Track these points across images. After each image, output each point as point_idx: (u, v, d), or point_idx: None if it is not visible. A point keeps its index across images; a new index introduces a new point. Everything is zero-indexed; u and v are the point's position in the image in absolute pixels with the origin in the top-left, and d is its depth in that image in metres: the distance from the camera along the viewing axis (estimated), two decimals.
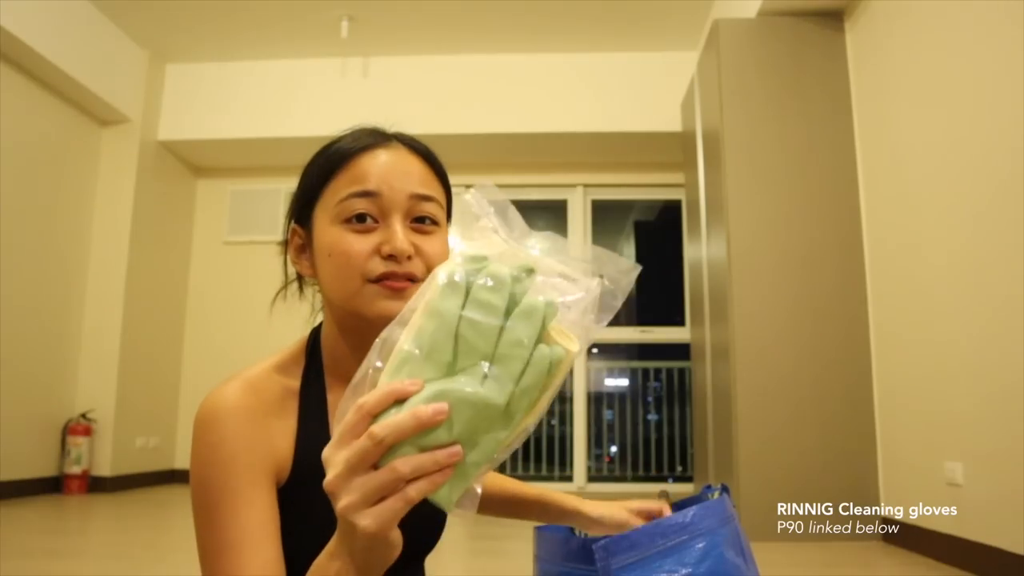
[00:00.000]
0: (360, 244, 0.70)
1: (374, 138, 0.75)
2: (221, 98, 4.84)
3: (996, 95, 2.18)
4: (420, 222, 0.73)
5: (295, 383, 0.75)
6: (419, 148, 0.77)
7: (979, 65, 2.27)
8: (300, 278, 0.87)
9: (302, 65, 4.82)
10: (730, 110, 3.21)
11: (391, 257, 0.69)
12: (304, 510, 0.70)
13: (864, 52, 3.09)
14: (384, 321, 0.58)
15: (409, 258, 0.70)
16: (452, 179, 0.81)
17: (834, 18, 3.24)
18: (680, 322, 4.89)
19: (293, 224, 0.78)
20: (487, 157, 4.93)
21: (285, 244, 0.83)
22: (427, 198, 0.73)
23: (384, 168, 0.72)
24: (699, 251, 3.67)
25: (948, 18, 2.44)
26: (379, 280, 0.69)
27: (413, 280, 0.70)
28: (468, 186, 0.69)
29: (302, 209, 0.76)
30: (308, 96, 4.78)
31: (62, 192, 4.30)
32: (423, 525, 0.83)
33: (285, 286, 0.88)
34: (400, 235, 0.70)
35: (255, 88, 4.83)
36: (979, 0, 2.28)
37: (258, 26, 4.47)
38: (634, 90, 4.62)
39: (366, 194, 0.70)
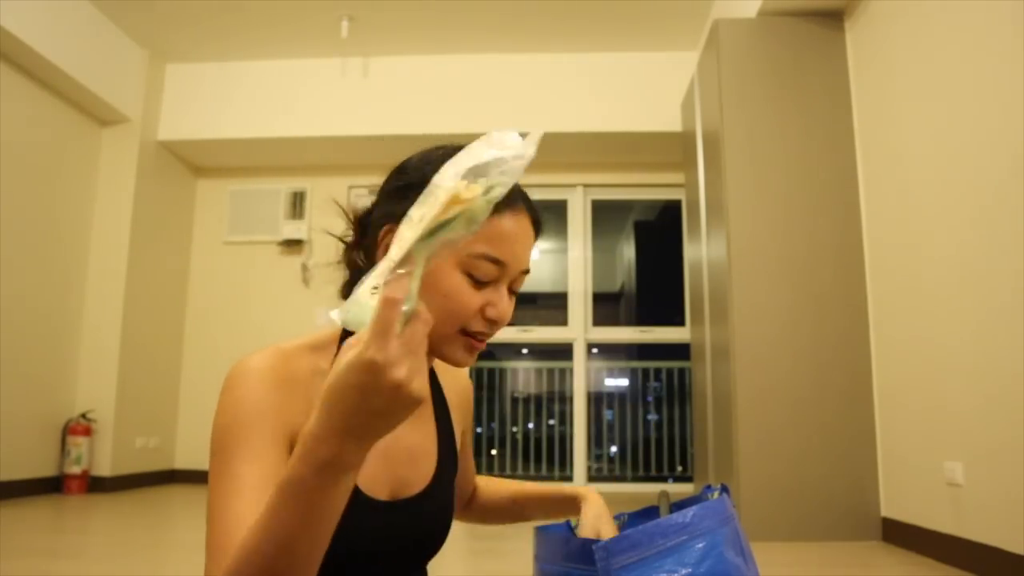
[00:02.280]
0: (474, 301, 0.74)
1: (513, 198, 0.75)
2: (221, 98, 4.84)
3: (996, 95, 2.18)
4: (511, 291, 0.78)
5: (325, 364, 0.77)
6: (536, 218, 0.80)
7: (979, 65, 2.27)
8: (353, 263, 0.85)
9: (302, 65, 4.82)
10: (730, 110, 3.21)
11: (492, 321, 0.75)
12: None
13: (864, 52, 3.09)
14: (454, 366, 0.77)
15: (504, 325, 0.77)
16: None
17: (834, 18, 3.24)
18: (680, 322, 4.89)
19: (394, 225, 0.77)
20: None
21: (360, 221, 0.83)
22: (528, 273, 0.79)
23: (516, 239, 0.75)
24: (699, 251, 3.67)
25: (948, 18, 2.44)
26: (472, 334, 0.75)
27: None
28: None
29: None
30: (308, 96, 4.78)
31: (62, 192, 4.30)
32: (426, 538, 0.84)
33: (345, 284, 0.88)
34: (507, 306, 0.76)
35: (255, 88, 4.83)
36: (979, 0, 2.28)
37: (258, 26, 4.47)
38: (634, 90, 4.62)
39: (497, 262, 0.74)
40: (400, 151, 0.86)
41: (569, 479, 4.96)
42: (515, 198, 0.76)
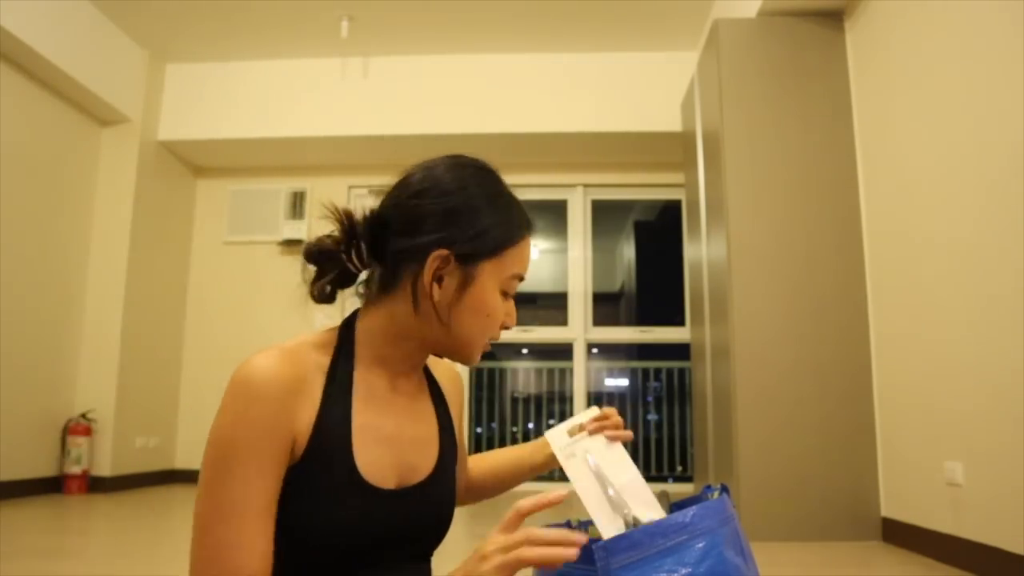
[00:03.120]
0: (501, 315, 0.85)
1: (530, 219, 0.88)
2: (221, 98, 4.85)
3: (996, 95, 2.18)
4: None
5: (326, 361, 0.80)
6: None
7: (979, 65, 2.27)
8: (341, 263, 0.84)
9: (302, 65, 4.82)
10: (730, 110, 3.21)
11: (505, 327, 0.86)
12: (316, 481, 0.74)
13: (864, 52, 3.09)
14: (465, 364, 0.88)
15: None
16: None
17: (834, 18, 3.24)
18: (680, 322, 4.89)
19: (445, 250, 0.79)
20: (487, 157, 4.87)
21: (350, 222, 0.82)
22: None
23: (529, 256, 0.87)
24: (699, 251, 3.67)
25: (948, 18, 2.44)
26: (490, 340, 0.86)
27: None
28: None
29: (471, 253, 0.81)
30: (308, 96, 4.78)
31: (62, 192, 4.30)
32: (432, 524, 0.86)
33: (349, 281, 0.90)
34: (514, 315, 0.88)
35: (255, 88, 4.83)
36: (979, 0, 2.28)
37: (258, 26, 4.47)
38: (634, 90, 4.62)
39: (522, 279, 0.86)
40: (400, 151, 0.87)
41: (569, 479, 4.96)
42: (530, 220, 0.87)
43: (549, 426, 5.72)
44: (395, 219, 0.81)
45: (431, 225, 0.80)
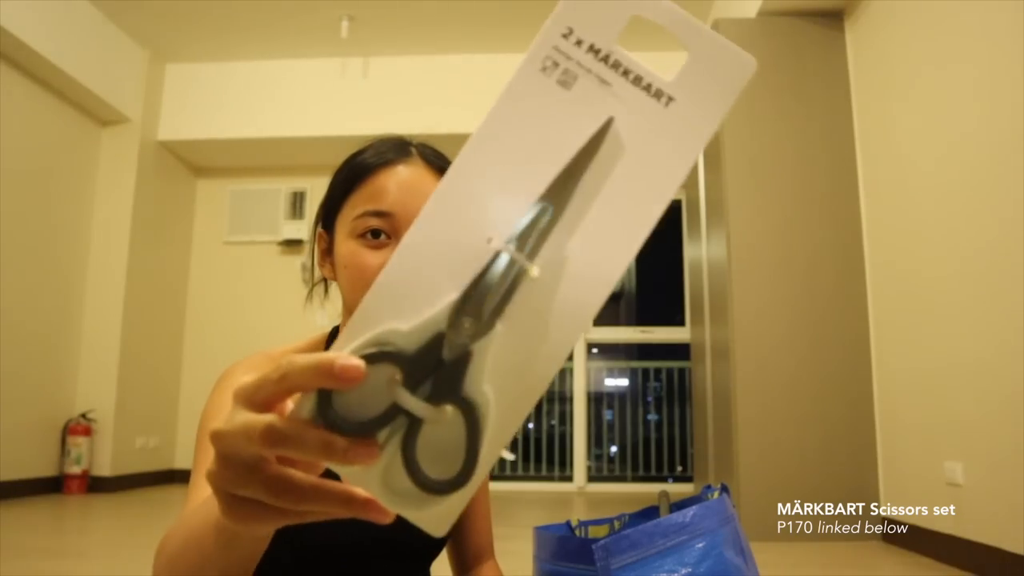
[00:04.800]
0: (372, 259, 0.72)
1: (395, 152, 0.77)
2: (221, 98, 4.84)
3: (996, 94, 2.18)
4: None
5: None
6: (437, 164, 0.79)
7: (980, 64, 2.27)
8: (325, 279, 0.90)
9: (302, 65, 4.82)
10: (730, 110, 3.21)
11: None
12: None
13: (864, 52, 3.09)
14: None
15: None
16: None
17: (834, 18, 3.24)
18: (680, 322, 4.89)
19: (320, 229, 0.81)
20: None
21: (313, 246, 0.87)
22: None
23: (401, 187, 0.74)
24: (699, 251, 3.67)
25: (948, 18, 2.44)
26: None
27: None
28: None
29: (327, 215, 0.80)
30: (308, 96, 4.78)
31: (62, 192, 4.30)
32: (425, 536, 0.83)
33: (312, 287, 0.92)
34: None
35: (255, 88, 4.83)
36: (979, 0, 2.28)
37: (258, 26, 4.47)
38: None
39: (380, 214, 0.73)
40: None
41: (569, 479, 4.96)
42: (396, 154, 0.77)
43: (550, 426, 5.67)
44: None
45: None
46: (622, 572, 0.68)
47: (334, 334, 0.84)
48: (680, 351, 4.96)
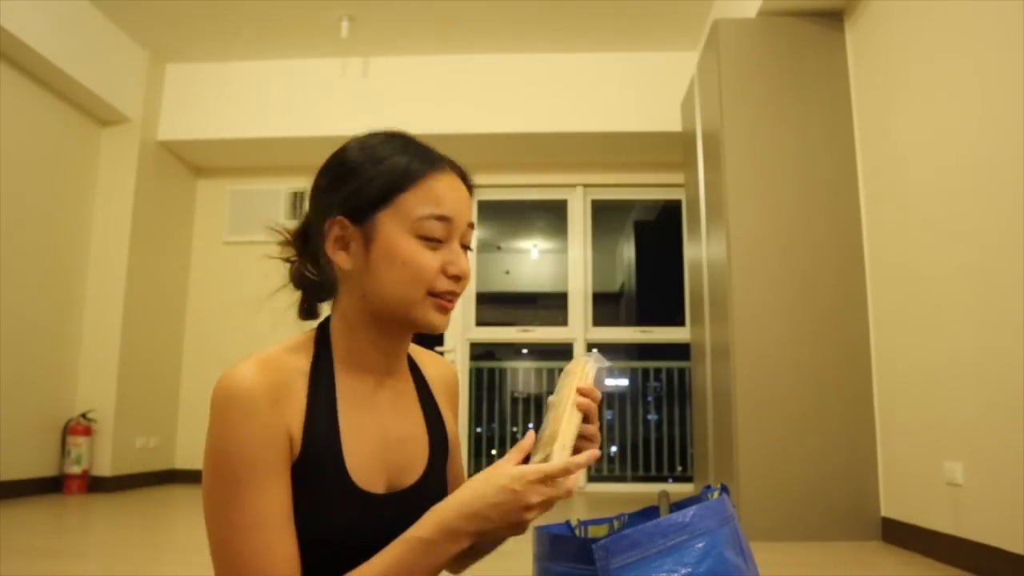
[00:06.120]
0: (432, 261, 0.78)
1: (438, 160, 0.82)
2: (221, 98, 4.84)
3: (996, 95, 2.18)
4: (464, 246, 0.83)
5: (305, 364, 0.79)
6: (465, 176, 0.85)
7: (980, 65, 2.27)
8: (304, 277, 0.89)
9: (302, 65, 4.82)
10: (730, 110, 3.21)
11: (454, 277, 0.80)
12: (312, 484, 0.74)
13: (864, 52, 3.09)
14: (432, 331, 0.80)
15: (467, 280, 0.82)
16: None
17: (834, 18, 3.24)
18: (680, 322, 4.89)
19: (339, 217, 0.80)
20: (487, 157, 4.93)
21: (298, 235, 0.89)
22: (473, 227, 0.85)
23: (455, 195, 0.81)
24: (699, 251, 3.67)
25: (948, 18, 2.44)
26: (441, 295, 0.79)
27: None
28: (468, 186, 0.76)
29: (359, 208, 0.80)
30: (308, 96, 4.78)
31: (62, 192, 4.30)
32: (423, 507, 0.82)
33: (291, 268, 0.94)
34: (464, 260, 0.81)
35: (255, 88, 4.83)
36: (979, 0, 2.28)
37: (258, 26, 4.47)
38: (634, 90, 4.62)
39: (444, 219, 0.78)
40: None
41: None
42: (437, 160, 0.81)
43: None
44: (311, 213, 0.87)
45: (323, 199, 0.83)
46: (622, 572, 0.68)
47: (323, 327, 0.84)
48: (680, 351, 4.96)
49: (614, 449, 5.42)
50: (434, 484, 0.86)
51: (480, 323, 5.14)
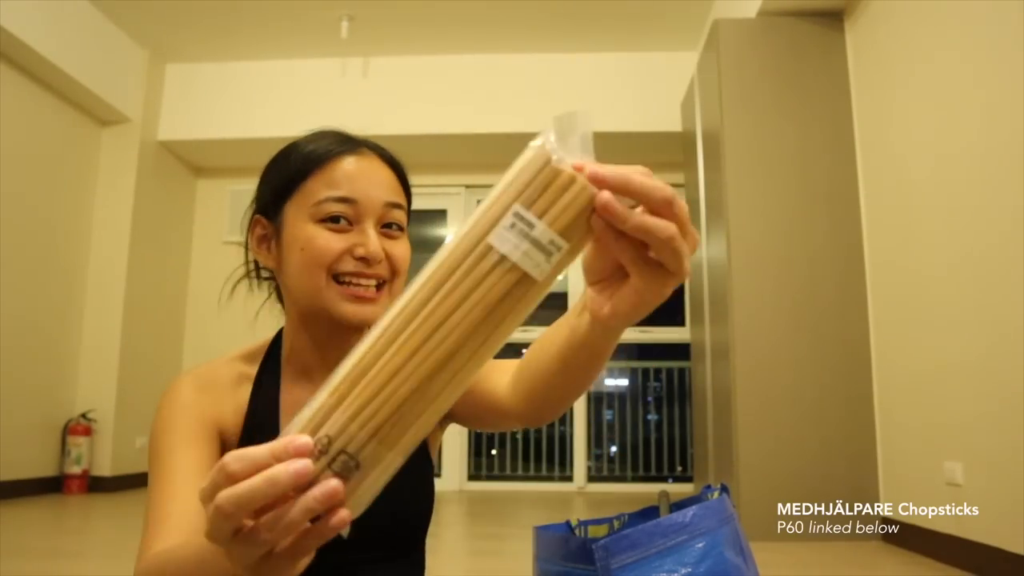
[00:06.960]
0: (334, 242, 0.74)
1: (349, 144, 0.80)
2: (221, 98, 4.84)
3: (997, 95, 2.18)
4: (388, 228, 0.78)
5: (252, 370, 0.82)
6: (388, 156, 0.82)
7: (979, 64, 2.27)
8: (257, 268, 0.95)
9: (302, 65, 4.82)
10: (730, 110, 3.21)
11: (362, 259, 0.74)
12: None
13: (864, 52, 3.09)
14: (346, 324, 0.73)
15: (379, 262, 0.75)
16: (453, 179, 0.83)
17: (834, 18, 3.24)
18: (680, 322, 4.89)
19: (256, 215, 0.83)
20: (487, 157, 4.92)
21: (247, 232, 0.89)
22: (396, 205, 0.79)
23: (360, 175, 0.77)
24: (699, 251, 3.67)
25: (948, 18, 2.44)
26: (346, 278, 0.74)
27: (380, 282, 0.76)
28: (468, 186, 0.73)
29: (270, 203, 0.81)
30: (308, 96, 4.78)
31: (62, 192, 4.30)
32: (392, 524, 0.82)
33: (246, 274, 0.99)
34: (374, 240, 0.75)
35: (255, 88, 4.83)
36: (979, 0, 2.28)
37: (258, 26, 4.47)
38: (634, 90, 4.62)
39: (343, 200, 0.75)
40: (400, 151, 0.86)
41: (569, 479, 4.96)
42: (348, 144, 0.79)
43: (550, 426, 5.68)
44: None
45: (254, 202, 0.86)
46: (622, 572, 0.68)
47: (277, 340, 0.87)
48: (680, 351, 4.96)
49: (614, 449, 5.42)
50: (398, 479, 0.83)
51: None
